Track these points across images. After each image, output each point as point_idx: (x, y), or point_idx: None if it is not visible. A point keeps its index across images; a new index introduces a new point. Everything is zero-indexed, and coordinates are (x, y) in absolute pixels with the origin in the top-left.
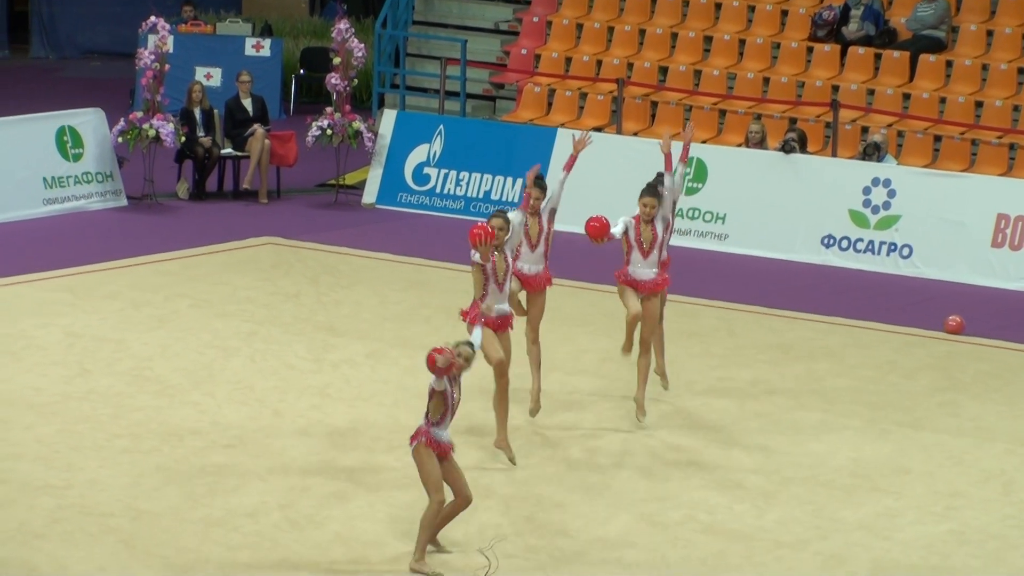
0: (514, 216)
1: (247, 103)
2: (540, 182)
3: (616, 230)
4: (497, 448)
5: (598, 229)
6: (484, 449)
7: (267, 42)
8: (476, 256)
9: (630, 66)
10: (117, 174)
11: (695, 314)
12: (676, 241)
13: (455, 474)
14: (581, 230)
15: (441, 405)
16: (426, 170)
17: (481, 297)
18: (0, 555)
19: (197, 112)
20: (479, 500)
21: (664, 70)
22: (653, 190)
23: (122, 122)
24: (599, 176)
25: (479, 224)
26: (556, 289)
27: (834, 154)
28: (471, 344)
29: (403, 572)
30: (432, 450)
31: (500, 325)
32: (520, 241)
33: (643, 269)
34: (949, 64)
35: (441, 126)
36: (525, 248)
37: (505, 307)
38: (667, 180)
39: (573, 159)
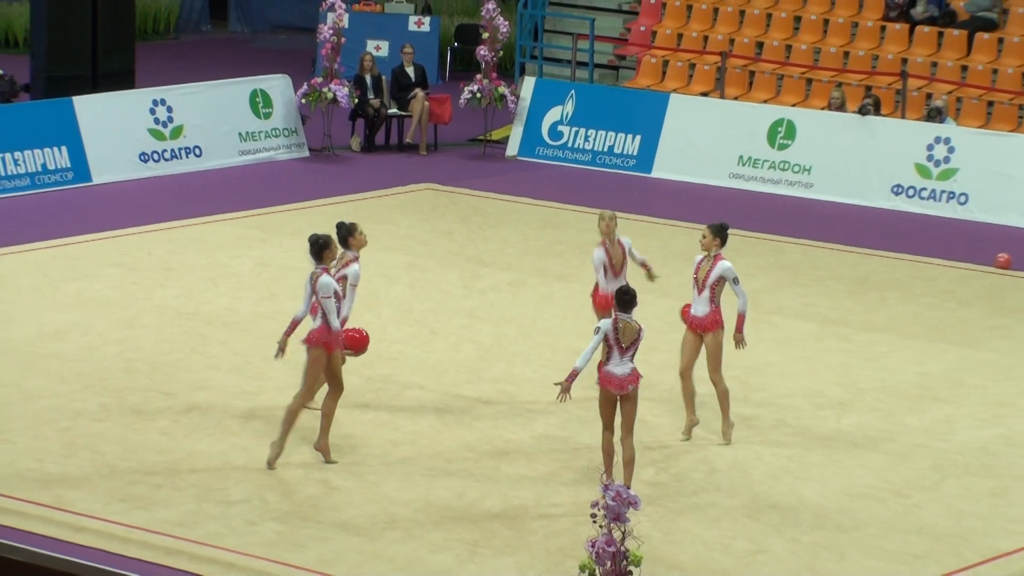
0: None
1: (410, 71)
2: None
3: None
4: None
5: (358, 341)
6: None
7: (427, 19)
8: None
9: (731, 41)
10: (300, 130)
11: (784, 250)
12: (769, 188)
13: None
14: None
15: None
16: (559, 128)
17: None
18: (201, 448)
19: (368, 78)
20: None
21: (760, 45)
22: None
23: (305, 86)
24: (704, 134)
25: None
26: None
27: (903, 116)
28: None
29: (545, 466)
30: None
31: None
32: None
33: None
34: (1000, 41)
35: (572, 91)
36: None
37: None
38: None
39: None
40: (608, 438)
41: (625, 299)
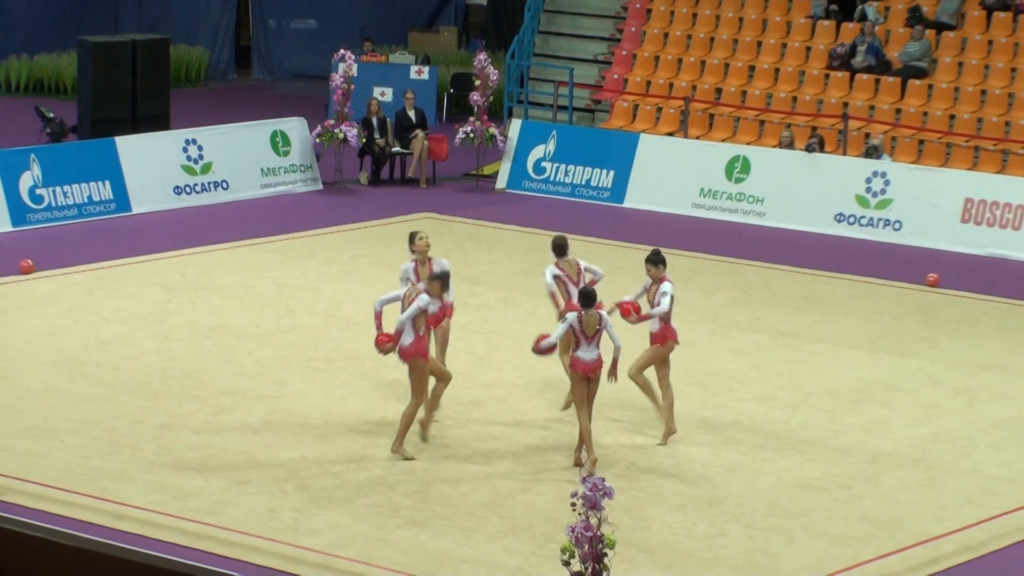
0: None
1: (411, 114)
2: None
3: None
4: None
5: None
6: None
7: (426, 69)
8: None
9: (694, 87)
10: (315, 166)
11: (740, 271)
12: (727, 216)
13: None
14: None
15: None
16: (543, 163)
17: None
18: (228, 445)
19: (374, 120)
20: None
21: (719, 90)
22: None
23: (319, 127)
24: (670, 169)
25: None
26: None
27: (844, 153)
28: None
29: (531, 461)
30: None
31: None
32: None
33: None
34: (930, 87)
35: (554, 131)
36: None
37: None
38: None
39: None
40: (584, 416)
41: (586, 298)
